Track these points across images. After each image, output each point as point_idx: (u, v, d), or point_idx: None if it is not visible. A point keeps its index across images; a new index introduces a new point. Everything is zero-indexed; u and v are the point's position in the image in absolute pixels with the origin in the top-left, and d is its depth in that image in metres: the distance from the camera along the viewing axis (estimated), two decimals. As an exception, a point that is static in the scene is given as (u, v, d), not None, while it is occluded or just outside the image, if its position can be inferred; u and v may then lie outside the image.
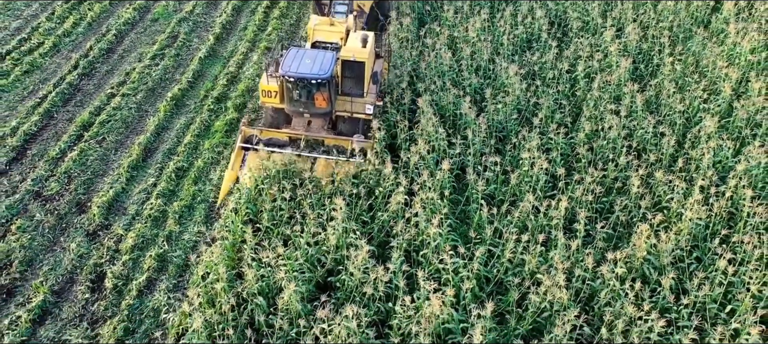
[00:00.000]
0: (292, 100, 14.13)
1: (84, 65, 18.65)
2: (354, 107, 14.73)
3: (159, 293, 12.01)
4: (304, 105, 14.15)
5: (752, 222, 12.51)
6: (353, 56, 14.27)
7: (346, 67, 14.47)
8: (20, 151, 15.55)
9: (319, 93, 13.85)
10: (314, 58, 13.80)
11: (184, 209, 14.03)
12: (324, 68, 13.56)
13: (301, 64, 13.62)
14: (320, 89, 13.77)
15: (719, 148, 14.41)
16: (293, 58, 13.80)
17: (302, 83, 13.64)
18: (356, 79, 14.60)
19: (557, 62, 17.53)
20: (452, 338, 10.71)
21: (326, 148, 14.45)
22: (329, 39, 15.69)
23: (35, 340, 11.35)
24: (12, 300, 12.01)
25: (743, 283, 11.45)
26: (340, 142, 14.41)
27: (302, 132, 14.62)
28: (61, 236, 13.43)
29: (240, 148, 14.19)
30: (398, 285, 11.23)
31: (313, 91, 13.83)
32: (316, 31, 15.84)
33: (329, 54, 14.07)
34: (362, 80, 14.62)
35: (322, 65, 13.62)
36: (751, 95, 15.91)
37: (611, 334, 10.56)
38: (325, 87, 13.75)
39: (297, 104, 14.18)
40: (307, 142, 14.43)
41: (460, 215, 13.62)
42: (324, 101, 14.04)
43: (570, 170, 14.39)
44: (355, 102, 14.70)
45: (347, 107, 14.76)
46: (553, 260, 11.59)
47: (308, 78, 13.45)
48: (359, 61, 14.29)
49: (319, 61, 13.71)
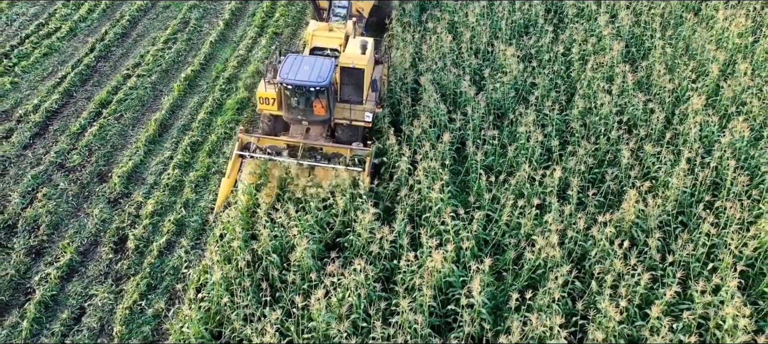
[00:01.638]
0: (290, 107, 13.89)
1: (100, 48, 19.49)
2: (353, 114, 14.57)
3: (179, 250, 12.81)
4: (302, 112, 13.92)
5: (735, 190, 13.32)
6: (352, 63, 14.08)
7: (345, 74, 14.28)
8: (42, 126, 16.40)
9: (318, 100, 13.65)
10: (312, 65, 13.60)
11: (200, 179, 14.87)
12: (322, 75, 13.36)
13: (299, 71, 13.41)
14: (319, 96, 13.57)
15: (706, 124, 15.22)
16: (291, 64, 13.57)
17: (300, 90, 13.42)
18: (355, 85, 14.42)
19: (553, 46, 18.35)
20: (453, 291, 11.52)
21: (325, 155, 14.17)
22: (328, 45, 15.51)
23: (64, 295, 12.18)
24: (41, 260, 12.85)
25: (725, 244, 12.25)
26: (338, 150, 14.14)
27: (300, 139, 14.37)
28: (84, 203, 14.27)
29: (237, 155, 13.86)
30: (402, 244, 12.05)
31: (311, 99, 13.63)
32: (315, 37, 15.69)
33: (328, 61, 13.86)
34: (361, 87, 14.44)
35: (320, 72, 13.42)
36: (738, 76, 16.72)
37: (600, 288, 11.36)
38: (323, 94, 13.54)
39: (295, 111, 13.94)
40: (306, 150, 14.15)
41: (460, 185, 14.43)
42: (322, 109, 13.82)
43: (564, 144, 15.20)
44: (354, 109, 14.54)
45: (346, 114, 14.58)
46: (547, 223, 12.41)
47: (306, 85, 13.25)
48: (358, 68, 14.12)
49: (317, 68, 13.51)
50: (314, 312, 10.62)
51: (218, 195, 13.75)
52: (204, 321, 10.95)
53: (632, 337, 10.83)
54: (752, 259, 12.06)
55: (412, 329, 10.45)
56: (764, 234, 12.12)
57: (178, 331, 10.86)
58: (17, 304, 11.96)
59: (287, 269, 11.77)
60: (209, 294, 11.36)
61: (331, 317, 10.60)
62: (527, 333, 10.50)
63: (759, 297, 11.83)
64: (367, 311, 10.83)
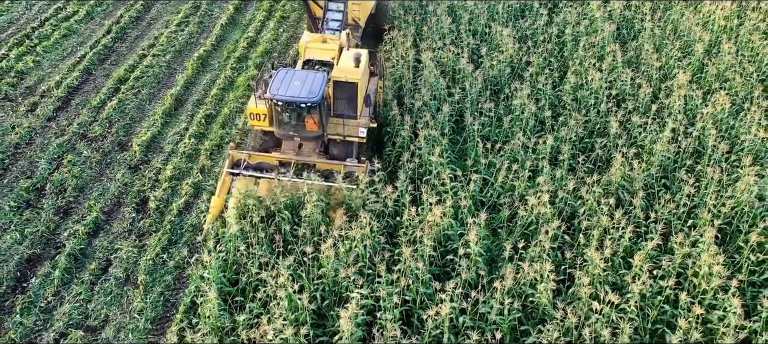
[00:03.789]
0: (282, 123, 13.50)
1: (116, 30, 20.49)
2: (347, 130, 14.17)
3: (198, 205, 13.76)
4: (294, 128, 13.51)
5: (715, 156, 14.26)
6: (346, 77, 13.68)
7: (338, 88, 13.86)
8: (64, 100, 17.42)
9: (310, 116, 13.24)
10: (304, 80, 13.17)
11: (214, 147, 15.85)
12: (314, 91, 12.92)
13: (290, 86, 13.00)
14: (310, 112, 13.16)
15: (690, 98, 16.17)
16: (282, 79, 13.16)
17: (291, 106, 13.05)
18: (349, 100, 14.02)
19: (547, 28, 19.30)
20: (451, 244, 12.48)
21: (318, 172, 13.82)
22: (321, 57, 15.11)
23: (91, 248, 13.16)
24: (69, 218, 13.85)
25: (704, 204, 13.20)
26: (332, 166, 13.87)
27: (293, 156, 14.05)
28: (106, 169, 15.27)
29: (227, 173, 13.51)
30: (405, 203, 13.01)
31: (303, 114, 13.24)
32: (308, 49, 15.29)
33: (319, 75, 13.44)
34: (355, 101, 14.03)
35: (311, 87, 12.98)
36: (722, 55, 17.67)
37: (588, 241, 12.31)
38: (315, 110, 13.13)
39: (287, 127, 13.54)
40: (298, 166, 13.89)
41: (458, 153, 15.39)
42: (315, 124, 13.40)
43: (556, 116, 16.15)
44: (347, 124, 14.12)
45: (340, 130, 14.19)
46: (540, 184, 13.37)
47: (297, 101, 12.83)
48: (352, 82, 13.72)
49: (308, 83, 13.08)
50: (324, 260, 11.57)
51: (208, 214, 13.41)
52: (222, 269, 11.90)
53: (616, 284, 11.76)
54: (730, 218, 13.01)
55: (414, 274, 11.39)
56: (741, 194, 13.06)
57: (197, 278, 11.81)
58: (49, 257, 12.95)
59: (298, 224, 12.72)
60: (226, 246, 12.31)
61: (340, 264, 11.55)
62: (519, 279, 11.47)
63: (735, 252, 12.77)
64: (373, 260, 11.78)
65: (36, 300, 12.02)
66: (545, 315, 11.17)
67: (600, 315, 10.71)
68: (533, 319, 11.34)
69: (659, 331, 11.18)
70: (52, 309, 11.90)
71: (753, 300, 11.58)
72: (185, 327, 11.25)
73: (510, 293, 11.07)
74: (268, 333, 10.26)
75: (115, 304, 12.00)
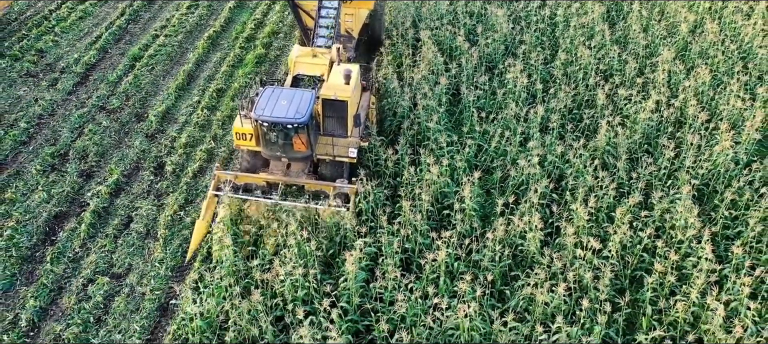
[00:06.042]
0: (269, 143, 12.86)
1: (130, 13, 21.50)
2: (336, 150, 13.50)
3: (210, 174, 14.80)
4: (281, 148, 12.88)
5: (695, 125, 15.25)
6: (335, 95, 13.03)
7: (327, 106, 13.21)
8: (83, 76, 18.42)
9: (297, 136, 12.58)
10: (291, 99, 12.55)
11: (226, 118, 16.84)
12: (300, 111, 12.29)
13: (276, 105, 12.37)
14: (298, 132, 12.49)
15: (674, 73, 17.15)
16: (268, 99, 12.54)
17: (278, 127, 12.44)
18: (338, 118, 13.38)
19: (540, 10, 20.28)
20: (447, 200, 13.47)
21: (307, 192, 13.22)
22: (311, 72, 14.47)
23: (113, 207, 14.17)
24: (92, 181, 14.86)
25: (684, 167, 14.19)
26: (321, 187, 13.20)
27: (281, 176, 13.46)
28: (125, 138, 16.26)
29: (212, 195, 12.94)
30: (405, 164, 14.00)
31: (290, 134, 12.59)
32: (298, 64, 14.64)
33: (307, 94, 12.79)
34: (345, 120, 13.38)
35: (298, 107, 12.35)
36: (706, 34, 18.65)
37: (574, 198, 13.29)
38: (303, 130, 12.47)
39: (274, 148, 12.91)
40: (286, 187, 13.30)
41: (454, 122, 16.37)
42: (303, 144, 12.75)
43: (547, 89, 17.14)
44: (337, 144, 13.47)
45: (329, 150, 13.52)
46: (530, 149, 14.35)
47: (283, 122, 12.22)
48: (341, 100, 13.06)
49: (295, 103, 12.45)
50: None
51: (192, 239, 12.88)
52: (236, 222, 12.88)
53: (599, 235, 12.74)
54: (707, 179, 14.00)
55: (413, 226, 12.37)
56: (718, 157, 14.04)
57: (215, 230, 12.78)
58: (74, 214, 13.95)
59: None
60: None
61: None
62: (510, 231, 12.46)
63: (712, 210, 13.76)
64: (374, 212, 12.77)
65: (64, 251, 13.02)
66: (534, 262, 12.15)
67: (583, 261, 11.68)
68: (523, 266, 12.31)
69: (638, 277, 12.17)
70: (79, 258, 12.90)
71: (725, 251, 12.56)
72: (203, 272, 12.24)
73: (501, 243, 12.04)
74: (280, 274, 11.24)
75: (138, 255, 13.00)
